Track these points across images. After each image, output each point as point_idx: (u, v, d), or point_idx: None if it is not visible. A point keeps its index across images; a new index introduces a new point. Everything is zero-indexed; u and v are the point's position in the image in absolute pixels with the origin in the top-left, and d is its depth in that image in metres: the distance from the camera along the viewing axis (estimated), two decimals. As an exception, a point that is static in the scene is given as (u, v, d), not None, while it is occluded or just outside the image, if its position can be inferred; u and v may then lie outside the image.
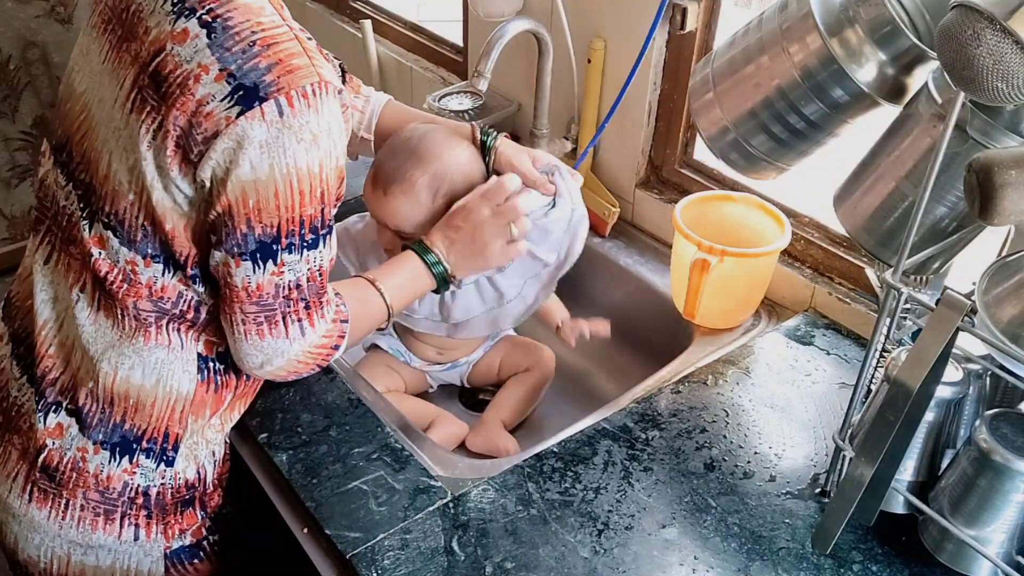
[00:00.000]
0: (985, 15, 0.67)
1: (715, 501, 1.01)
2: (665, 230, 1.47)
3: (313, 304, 0.92)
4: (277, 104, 0.81)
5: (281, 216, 0.85)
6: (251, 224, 0.84)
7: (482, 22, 1.55)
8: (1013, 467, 0.84)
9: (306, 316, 0.92)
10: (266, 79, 0.81)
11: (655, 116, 1.45)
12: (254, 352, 0.91)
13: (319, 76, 0.83)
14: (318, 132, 0.83)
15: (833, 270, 1.29)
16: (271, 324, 0.90)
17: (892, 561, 0.94)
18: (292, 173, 0.83)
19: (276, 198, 0.84)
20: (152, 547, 1.03)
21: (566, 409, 1.40)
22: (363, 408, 1.13)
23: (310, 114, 0.82)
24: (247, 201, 0.83)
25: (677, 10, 1.32)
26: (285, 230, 0.85)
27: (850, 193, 0.96)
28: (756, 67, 0.98)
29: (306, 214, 0.86)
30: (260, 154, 0.82)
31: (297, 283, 0.89)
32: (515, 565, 0.93)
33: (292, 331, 0.91)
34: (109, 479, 0.97)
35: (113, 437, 0.97)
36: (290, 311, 0.90)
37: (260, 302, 0.88)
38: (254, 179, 0.83)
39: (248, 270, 0.87)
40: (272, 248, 0.86)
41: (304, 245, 0.88)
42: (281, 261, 0.87)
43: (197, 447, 1.01)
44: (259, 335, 0.90)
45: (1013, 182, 0.70)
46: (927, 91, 0.87)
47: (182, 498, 1.03)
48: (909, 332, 1.00)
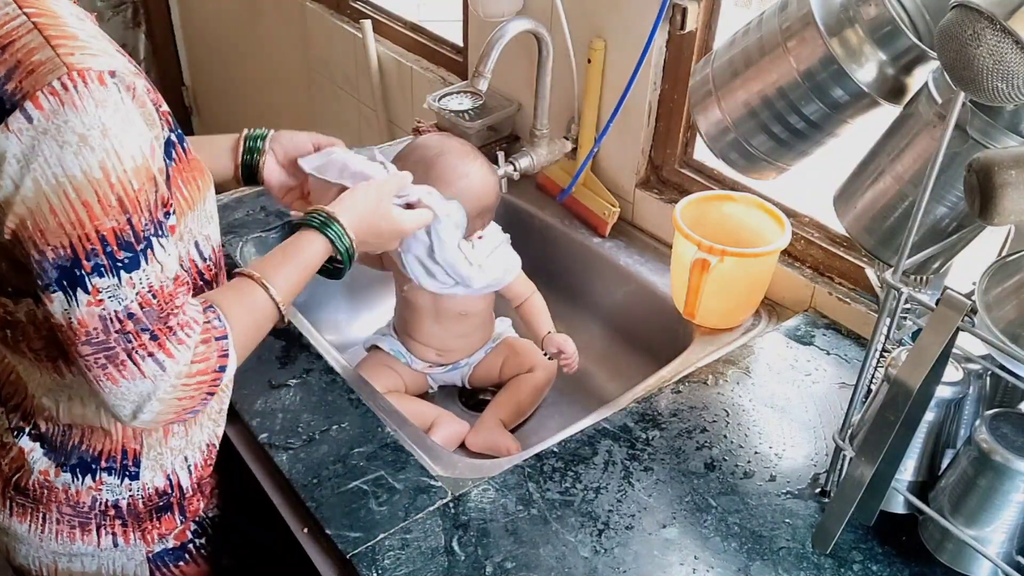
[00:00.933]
0: (985, 15, 0.67)
1: (715, 501, 1.01)
2: (665, 230, 1.47)
3: (160, 332, 0.79)
4: (23, 111, 0.70)
5: (70, 235, 0.72)
6: (39, 248, 0.73)
7: (482, 22, 1.55)
8: (1013, 467, 0.84)
9: (156, 348, 0.78)
10: (8, 88, 0.70)
11: (655, 116, 1.45)
12: (119, 402, 0.79)
13: (67, 67, 0.70)
14: (85, 131, 0.71)
15: (833, 270, 1.29)
16: (117, 365, 0.77)
17: (892, 561, 0.94)
18: (64, 183, 0.71)
19: (54, 215, 0.72)
20: (133, 551, 1.02)
21: (566, 409, 1.40)
22: (363, 408, 1.13)
23: (67, 112, 0.70)
24: (24, 223, 0.72)
25: (677, 10, 1.32)
26: (82, 250, 0.73)
27: (850, 193, 0.96)
28: (756, 67, 0.98)
29: (104, 228, 0.73)
30: (19, 169, 0.70)
31: (128, 312, 0.76)
32: (515, 565, 0.93)
33: (147, 368, 0.78)
34: (78, 494, 0.97)
35: (71, 459, 0.95)
36: (133, 346, 0.77)
37: (91, 341, 0.76)
38: (20, 198, 0.71)
39: (62, 303, 0.75)
40: (75, 273, 0.74)
41: (118, 266, 0.75)
42: (93, 288, 0.74)
43: (161, 457, 0.98)
44: (111, 380, 0.78)
45: (1013, 182, 0.70)
46: (927, 91, 0.87)
47: (155, 505, 1.01)
48: (909, 332, 1.00)
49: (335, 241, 0.97)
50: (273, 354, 1.21)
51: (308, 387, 1.16)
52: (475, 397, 1.44)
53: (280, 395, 1.14)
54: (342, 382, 1.17)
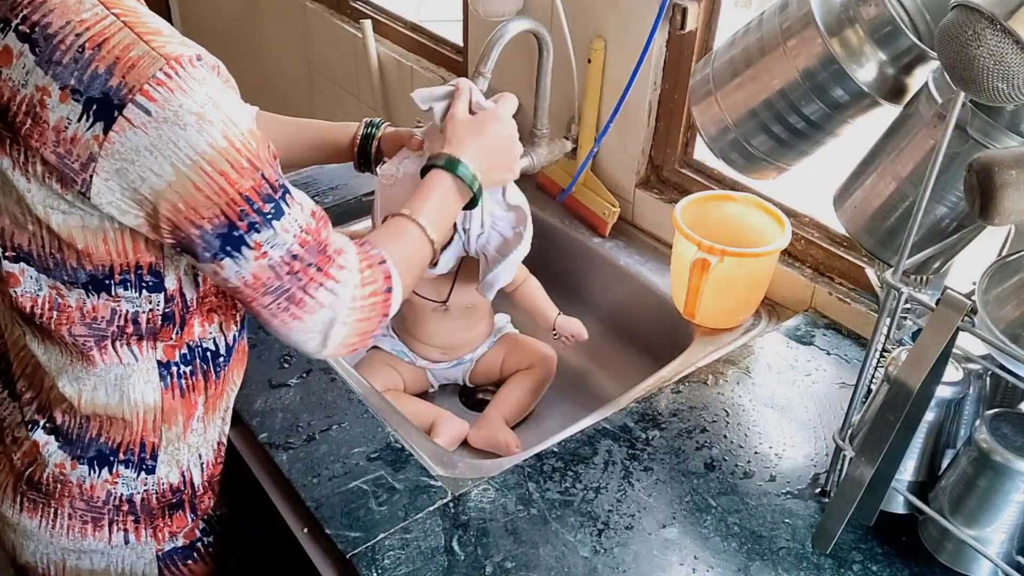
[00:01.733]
0: (985, 15, 0.67)
1: (715, 501, 1.01)
2: (665, 230, 1.47)
3: (322, 263, 0.86)
4: (137, 105, 0.74)
5: (219, 203, 0.78)
6: (198, 224, 0.79)
7: (482, 22, 1.55)
8: (1013, 467, 0.84)
9: (324, 277, 0.86)
10: (112, 84, 0.74)
11: (655, 116, 1.45)
12: (307, 336, 0.87)
13: (164, 57, 0.76)
14: (199, 109, 0.76)
15: (833, 270, 1.29)
16: (296, 303, 0.85)
17: (892, 561, 0.94)
18: (199, 160, 0.76)
19: (200, 191, 0.77)
20: (143, 549, 1.03)
21: (566, 409, 1.40)
22: (363, 408, 1.13)
23: (179, 97, 0.75)
24: (177, 207, 0.78)
25: (677, 10, 1.32)
26: (235, 213, 0.79)
27: (850, 193, 0.96)
28: (756, 67, 0.98)
29: (244, 189, 0.79)
30: (155, 159, 0.76)
31: (292, 254, 0.84)
32: (515, 565, 0.93)
33: (322, 296, 0.86)
34: (92, 488, 0.97)
35: (89, 452, 0.96)
36: (304, 282, 0.85)
37: (269, 289, 0.84)
38: (167, 184, 0.77)
39: (233, 267, 0.82)
40: (235, 236, 0.80)
41: (268, 218, 0.81)
42: (256, 243, 0.81)
43: (178, 452, 0.99)
44: (296, 319, 0.85)
45: (1013, 182, 0.70)
46: (927, 91, 0.87)
47: (169, 502, 1.02)
48: (909, 332, 1.00)
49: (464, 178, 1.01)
50: (273, 354, 1.21)
51: (308, 387, 1.16)
52: (475, 396, 1.44)
53: (280, 395, 1.14)
54: (342, 382, 1.17)
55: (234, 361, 1.02)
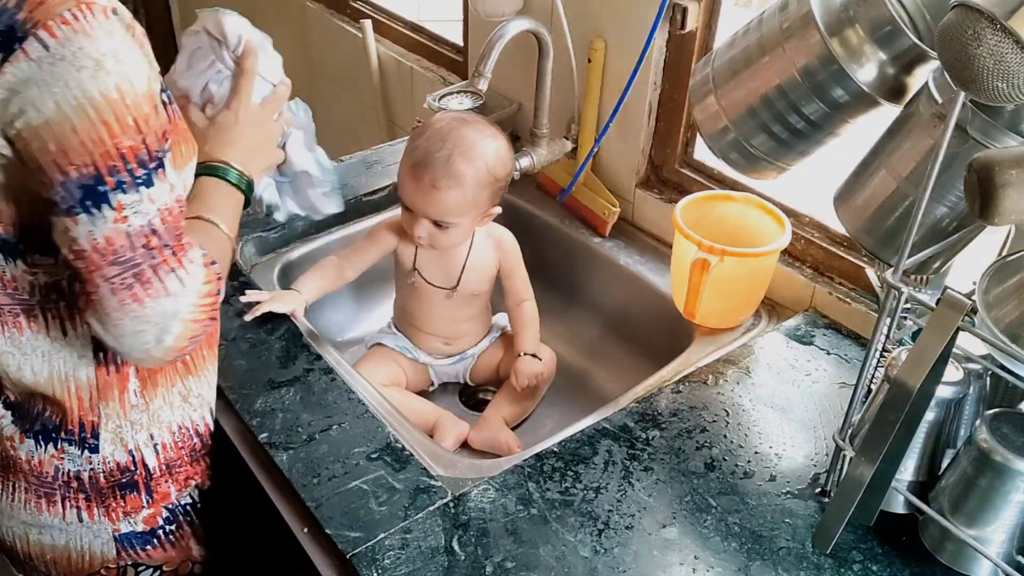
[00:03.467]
0: (985, 15, 0.67)
1: (715, 501, 1.01)
2: (665, 230, 1.47)
3: (177, 249, 0.83)
4: (37, 39, 0.73)
5: (92, 152, 0.76)
6: (63, 169, 0.76)
7: (482, 22, 1.55)
8: (1013, 467, 0.84)
9: (176, 264, 0.83)
10: (19, 17, 0.74)
11: (655, 116, 1.45)
12: (142, 326, 0.82)
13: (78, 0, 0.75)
14: (99, 56, 0.75)
15: (833, 270, 1.29)
16: (143, 283, 0.81)
17: (892, 561, 0.94)
18: (85, 104, 0.75)
19: (76, 134, 0.75)
20: (99, 529, 1.02)
21: (566, 409, 1.40)
22: (363, 408, 1.13)
23: (80, 39, 0.74)
24: (48, 146, 0.76)
25: (677, 10, 1.32)
26: (105, 167, 0.77)
27: (850, 193, 0.96)
28: (756, 67, 0.98)
29: (124, 146, 0.77)
30: (40, 94, 0.74)
31: (151, 228, 0.80)
32: (515, 565, 0.93)
33: (170, 284, 0.82)
34: (41, 464, 0.97)
35: (35, 426, 0.96)
36: (157, 262, 0.81)
37: (118, 259, 0.80)
38: (44, 121, 0.75)
39: (88, 224, 0.78)
40: (99, 191, 0.77)
41: (138, 182, 0.79)
42: (119, 204, 0.78)
43: (122, 430, 0.97)
44: (137, 301, 0.81)
45: (1013, 182, 0.70)
46: (927, 91, 0.87)
47: (118, 481, 1.00)
48: (909, 332, 1.00)
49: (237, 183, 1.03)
50: (273, 354, 1.21)
51: (308, 387, 1.16)
52: (475, 396, 1.44)
53: (280, 395, 1.14)
54: (342, 382, 1.17)
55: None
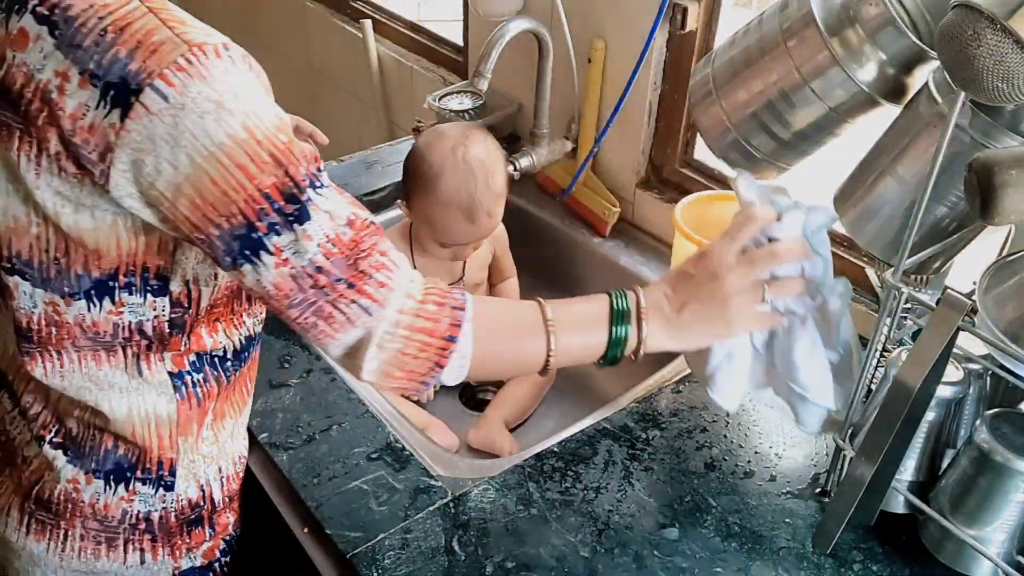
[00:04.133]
0: (985, 15, 0.67)
1: (715, 501, 1.01)
2: (666, 230, 1.47)
3: (354, 279, 0.77)
4: (155, 90, 0.70)
5: (236, 200, 0.72)
6: (215, 222, 0.73)
7: (482, 22, 1.56)
8: (1013, 467, 0.84)
9: (356, 294, 0.78)
10: (131, 69, 0.70)
11: (655, 116, 1.45)
12: (342, 354, 0.81)
13: (187, 43, 0.72)
14: (218, 98, 0.71)
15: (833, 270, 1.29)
16: (325, 319, 0.78)
17: (892, 561, 0.94)
18: (216, 151, 0.71)
19: (216, 185, 0.72)
20: (159, 569, 0.97)
21: (566, 409, 1.40)
22: (363, 408, 1.13)
23: (198, 84, 0.71)
24: (195, 203, 0.73)
25: (677, 10, 1.32)
26: (253, 212, 0.73)
27: (850, 193, 0.96)
28: (756, 67, 0.98)
29: (265, 185, 0.73)
30: (171, 150, 0.71)
31: (316, 266, 0.76)
32: (515, 565, 0.93)
33: (353, 314, 0.78)
34: (107, 508, 0.92)
35: (106, 465, 0.91)
36: (333, 297, 0.77)
37: (294, 302, 0.77)
38: (184, 177, 0.72)
39: (253, 274, 0.76)
40: (253, 238, 0.74)
41: (290, 220, 0.74)
42: (276, 248, 0.75)
43: (195, 465, 0.95)
44: (327, 336, 0.79)
45: (1013, 182, 0.70)
46: (927, 91, 0.87)
47: (187, 518, 0.97)
48: (909, 332, 1.00)
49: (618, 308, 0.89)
50: (273, 354, 1.21)
51: (308, 387, 1.16)
52: (475, 396, 1.44)
53: (280, 395, 1.14)
54: (342, 382, 1.17)
55: (248, 366, 0.98)
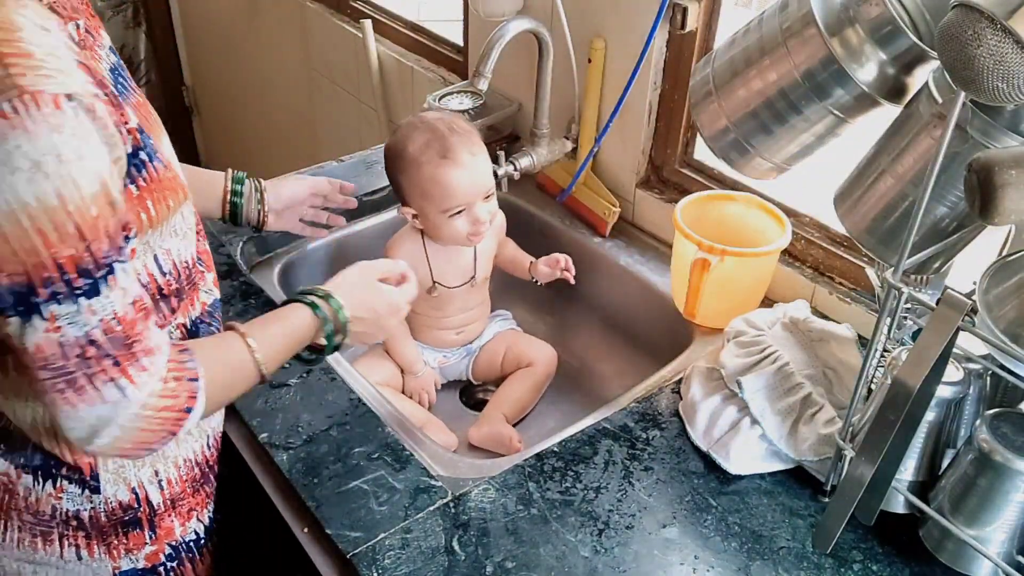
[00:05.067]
0: (986, 15, 0.67)
1: (715, 500, 1.01)
2: (665, 230, 1.47)
3: (123, 359, 0.76)
4: None
5: (24, 263, 0.69)
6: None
7: (482, 22, 1.55)
8: (1013, 467, 0.84)
9: (119, 373, 0.76)
10: None
11: (655, 116, 1.45)
12: (75, 424, 0.77)
13: (19, 88, 0.66)
14: (38, 158, 0.67)
15: (833, 270, 1.29)
16: (76, 389, 0.75)
17: (892, 560, 0.94)
18: (18, 211, 0.67)
19: (7, 242, 0.68)
20: (99, 567, 0.96)
21: (566, 409, 1.40)
22: (363, 408, 1.13)
23: (18, 136, 0.66)
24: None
25: (677, 10, 1.32)
26: (39, 278, 0.70)
27: (851, 193, 0.96)
28: (756, 67, 0.98)
29: (62, 256, 0.70)
30: None
31: (89, 339, 0.74)
32: (516, 564, 0.93)
33: (108, 393, 0.76)
34: (38, 502, 0.91)
35: (33, 461, 0.90)
36: (94, 371, 0.75)
37: (49, 366, 0.74)
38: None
39: (18, 328, 0.73)
40: (31, 301, 0.71)
41: (77, 293, 0.72)
42: (51, 315, 0.72)
43: (124, 470, 0.92)
44: (68, 403, 0.75)
45: (1013, 182, 0.70)
46: (927, 91, 0.87)
47: (120, 519, 0.95)
48: (909, 332, 1.00)
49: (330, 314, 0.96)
50: (273, 354, 1.21)
51: (308, 387, 1.16)
52: (475, 396, 1.45)
53: (280, 395, 1.14)
54: (342, 382, 1.17)
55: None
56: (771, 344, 1.10)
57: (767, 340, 1.11)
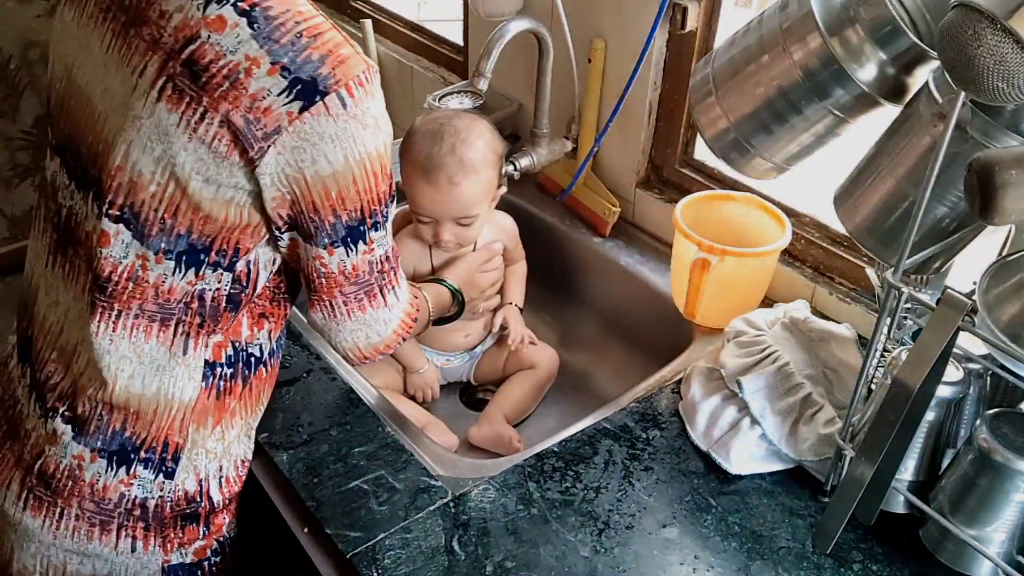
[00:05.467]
0: (986, 15, 0.67)
1: (715, 500, 1.01)
2: (666, 230, 1.47)
3: (397, 268, 0.99)
4: (339, 97, 0.82)
5: (363, 199, 0.88)
6: (337, 214, 0.87)
7: (482, 22, 1.55)
8: (1013, 467, 0.84)
9: (395, 282, 0.98)
10: (322, 72, 0.82)
11: (655, 116, 1.45)
12: (360, 327, 0.97)
13: (366, 64, 0.85)
14: (378, 115, 0.86)
15: (834, 270, 1.29)
16: (371, 297, 0.96)
17: (892, 560, 0.94)
18: (365, 159, 0.86)
19: (355, 184, 0.87)
20: (149, 560, 0.99)
21: (566, 409, 1.40)
22: (363, 408, 1.13)
23: (369, 100, 0.85)
24: (330, 194, 0.86)
25: (677, 10, 1.32)
26: (368, 211, 0.89)
27: (851, 193, 0.96)
28: (756, 67, 0.98)
29: (382, 191, 0.90)
30: (333, 147, 0.84)
31: (386, 256, 0.95)
32: (516, 564, 0.93)
33: (389, 298, 0.98)
34: (105, 489, 0.95)
35: (112, 445, 0.94)
36: (386, 281, 0.97)
37: (358, 281, 0.93)
38: (332, 172, 0.85)
39: (342, 255, 0.91)
40: (360, 230, 0.90)
41: (385, 219, 0.92)
42: (370, 240, 0.91)
43: (198, 458, 0.98)
44: (361, 310, 0.96)
45: (1013, 182, 0.70)
46: (928, 91, 0.87)
47: (181, 512, 0.99)
48: (909, 332, 1.00)
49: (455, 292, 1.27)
50: (273, 354, 1.21)
51: (308, 387, 1.16)
52: (475, 396, 1.44)
53: (280, 395, 1.14)
54: (342, 382, 1.17)
55: (270, 374, 1.03)
56: (771, 344, 1.10)
57: (767, 340, 1.11)
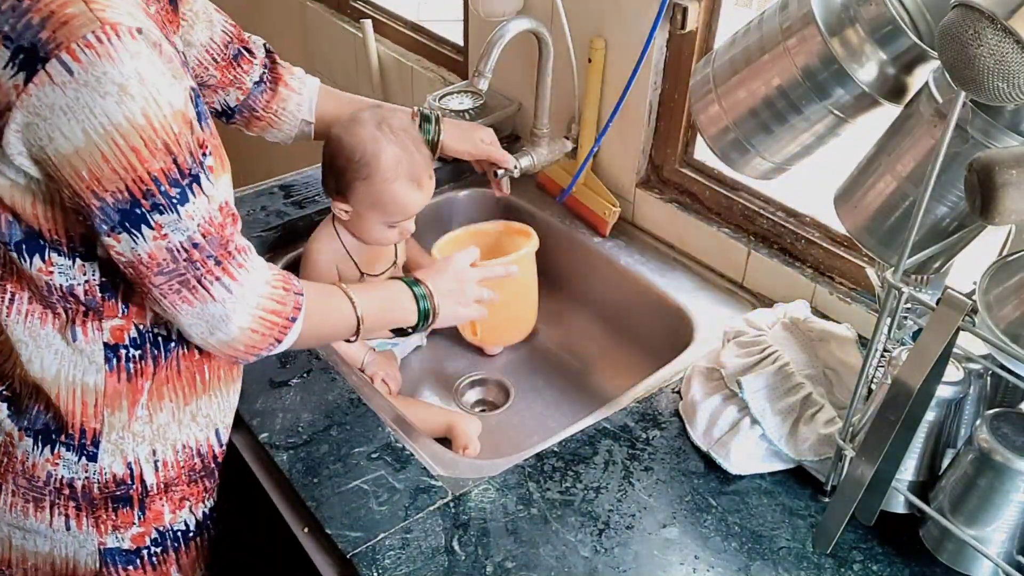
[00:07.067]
0: (986, 15, 0.67)
1: (715, 500, 1.01)
2: (666, 230, 1.47)
3: (223, 257, 0.87)
4: (61, 62, 0.73)
5: (124, 179, 0.78)
6: (100, 196, 0.79)
7: (482, 22, 1.55)
8: (1013, 467, 0.84)
9: (221, 272, 0.87)
10: (42, 36, 0.74)
11: (655, 116, 1.45)
12: (195, 322, 0.88)
13: (100, 21, 0.74)
14: (123, 81, 0.75)
15: (834, 270, 1.29)
16: (190, 289, 0.86)
17: (892, 561, 0.94)
18: (112, 132, 0.76)
19: (107, 163, 0.77)
20: (85, 539, 0.99)
21: (566, 409, 1.40)
22: (363, 408, 1.13)
23: (104, 64, 0.74)
24: (80, 173, 0.78)
25: (677, 10, 1.32)
26: (139, 191, 0.79)
27: (851, 193, 0.96)
28: (757, 67, 0.98)
29: (154, 169, 0.79)
30: (67, 121, 0.75)
31: (192, 243, 0.84)
32: (516, 564, 0.93)
33: (216, 291, 0.87)
34: (35, 467, 0.95)
35: (36, 424, 0.94)
36: (202, 272, 0.86)
37: (164, 271, 0.84)
38: (74, 149, 0.76)
39: (130, 243, 0.82)
40: (137, 213, 0.80)
41: (173, 201, 0.81)
42: (156, 224, 0.81)
43: (123, 442, 0.96)
44: (186, 303, 0.86)
45: (1014, 182, 0.70)
46: (928, 90, 0.87)
47: (111, 493, 0.97)
48: (910, 332, 1.00)
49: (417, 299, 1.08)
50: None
51: (308, 387, 1.16)
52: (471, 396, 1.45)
53: (280, 395, 1.14)
54: (342, 382, 1.17)
55: (206, 356, 0.99)
56: (771, 344, 1.10)
57: (767, 340, 1.11)
